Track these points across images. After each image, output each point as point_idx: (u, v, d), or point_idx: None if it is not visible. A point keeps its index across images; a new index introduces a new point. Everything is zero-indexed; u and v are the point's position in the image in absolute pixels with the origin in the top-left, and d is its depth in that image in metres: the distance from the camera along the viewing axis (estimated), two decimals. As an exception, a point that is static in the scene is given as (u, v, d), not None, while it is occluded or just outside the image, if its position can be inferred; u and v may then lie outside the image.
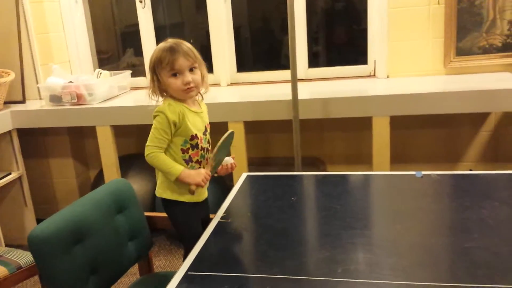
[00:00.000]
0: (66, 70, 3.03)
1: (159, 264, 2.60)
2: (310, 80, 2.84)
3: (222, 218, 1.49)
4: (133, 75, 3.10)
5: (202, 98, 1.61)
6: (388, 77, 2.68)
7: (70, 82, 2.73)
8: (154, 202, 2.81)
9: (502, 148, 2.66)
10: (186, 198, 1.53)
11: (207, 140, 1.57)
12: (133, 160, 2.96)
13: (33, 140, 3.09)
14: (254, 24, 3.22)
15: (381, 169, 2.33)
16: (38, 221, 2.86)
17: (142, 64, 3.23)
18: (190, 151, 1.50)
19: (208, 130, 1.59)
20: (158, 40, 3.06)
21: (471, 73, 2.57)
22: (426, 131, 2.73)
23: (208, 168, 1.49)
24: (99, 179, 2.95)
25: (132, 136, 3.08)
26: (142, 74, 3.17)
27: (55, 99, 2.73)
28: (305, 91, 2.51)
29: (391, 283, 1.07)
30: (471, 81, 2.41)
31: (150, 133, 1.48)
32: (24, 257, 1.97)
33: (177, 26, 3.38)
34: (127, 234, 1.61)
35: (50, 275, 1.36)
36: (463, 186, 1.61)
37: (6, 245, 2.59)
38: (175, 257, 2.69)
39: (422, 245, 1.24)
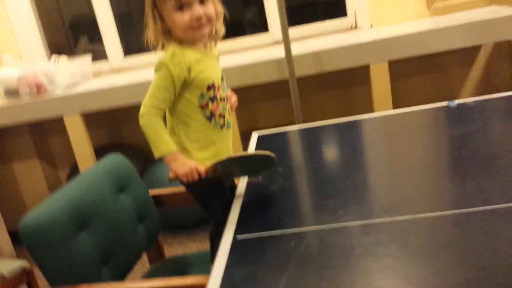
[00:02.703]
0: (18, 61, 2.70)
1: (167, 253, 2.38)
2: (291, 40, 2.65)
3: (251, 178, 1.28)
4: (93, 60, 2.81)
5: (216, 43, 1.29)
6: (371, 26, 2.55)
7: (26, 71, 2.42)
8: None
9: (493, 83, 2.58)
10: (210, 162, 1.19)
11: (224, 88, 1.27)
12: (109, 151, 2.67)
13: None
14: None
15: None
16: (10, 233, 2.55)
17: (100, 50, 2.94)
18: (210, 105, 1.20)
19: (224, 76, 1.30)
20: (118, 23, 2.81)
21: (457, 11, 2.47)
22: (418, 78, 2.61)
23: (208, 168, 1.16)
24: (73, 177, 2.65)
25: (103, 126, 2.80)
26: (104, 58, 2.88)
27: (12, 92, 2.41)
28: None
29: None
30: (459, 18, 2.31)
31: (150, 88, 1.17)
32: (6, 266, 1.69)
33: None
34: (134, 214, 1.38)
35: (53, 270, 1.12)
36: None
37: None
38: (181, 244, 2.46)
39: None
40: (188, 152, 1.20)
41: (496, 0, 2.44)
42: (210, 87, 1.20)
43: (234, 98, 1.34)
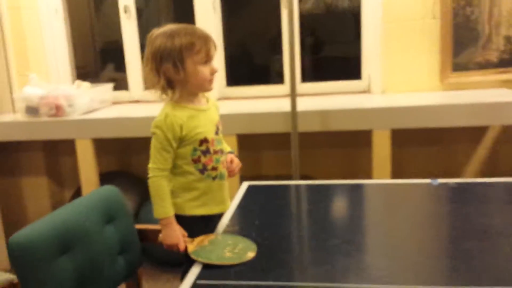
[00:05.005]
0: (43, 81, 2.84)
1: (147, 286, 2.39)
2: (303, 95, 2.74)
3: (227, 226, 1.34)
4: (114, 89, 2.94)
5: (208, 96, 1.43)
6: (383, 92, 2.62)
7: (49, 92, 2.55)
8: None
9: (500, 165, 2.59)
10: (198, 211, 1.36)
11: (220, 141, 1.38)
12: (114, 178, 2.76)
13: (4, 156, 2.86)
14: (241, 41, 3.13)
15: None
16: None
17: (124, 79, 3.08)
18: (203, 159, 1.32)
19: (221, 129, 1.40)
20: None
21: (468, 89, 2.53)
22: (423, 148, 2.65)
23: (193, 243, 1.24)
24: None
25: (113, 152, 2.90)
26: (124, 88, 3.01)
27: (32, 110, 2.54)
28: (300, 105, 2.40)
29: None
30: (469, 96, 2.37)
31: (151, 152, 1.32)
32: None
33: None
34: (116, 246, 1.43)
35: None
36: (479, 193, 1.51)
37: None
38: (168, 282, 2.49)
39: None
40: (180, 200, 1.34)
41: (507, 83, 2.49)
42: (203, 141, 1.31)
43: (236, 162, 1.42)
